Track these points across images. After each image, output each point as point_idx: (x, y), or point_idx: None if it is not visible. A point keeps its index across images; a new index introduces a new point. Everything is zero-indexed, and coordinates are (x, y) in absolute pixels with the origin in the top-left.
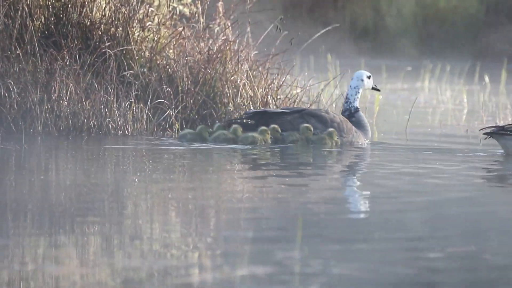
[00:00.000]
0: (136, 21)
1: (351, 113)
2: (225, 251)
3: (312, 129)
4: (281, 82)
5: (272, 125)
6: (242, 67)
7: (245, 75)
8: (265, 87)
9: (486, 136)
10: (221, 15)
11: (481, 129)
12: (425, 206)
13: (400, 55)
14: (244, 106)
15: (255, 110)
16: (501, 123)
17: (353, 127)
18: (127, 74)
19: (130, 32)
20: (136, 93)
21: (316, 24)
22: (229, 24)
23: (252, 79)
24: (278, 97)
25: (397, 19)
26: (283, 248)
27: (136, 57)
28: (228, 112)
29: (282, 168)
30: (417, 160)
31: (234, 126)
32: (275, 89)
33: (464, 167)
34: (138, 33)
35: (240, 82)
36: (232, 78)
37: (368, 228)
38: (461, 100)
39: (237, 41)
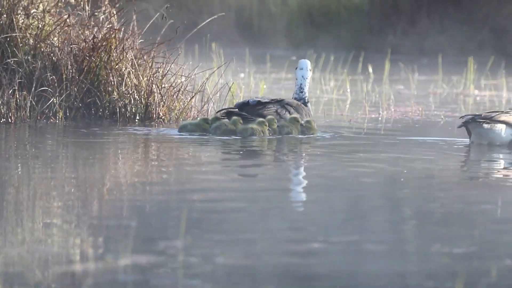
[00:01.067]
0: (21, 8)
1: (305, 103)
2: (108, 239)
3: (299, 119)
4: (166, 71)
5: (270, 116)
6: (127, 56)
7: (130, 64)
8: (150, 76)
9: (462, 125)
10: (106, 3)
11: (460, 117)
12: (316, 198)
13: (285, 44)
14: (128, 95)
15: (242, 101)
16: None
17: None
18: (11, 61)
19: (14, 19)
20: (19, 80)
21: (201, 12)
22: (115, 12)
23: (137, 68)
24: (163, 85)
25: (282, 8)
26: (168, 238)
27: (20, 45)
28: (112, 101)
29: (215, 159)
30: (313, 150)
31: (234, 117)
32: (160, 78)
33: (349, 156)
34: (22, 20)
35: (125, 70)
36: (117, 66)
37: (257, 218)
38: (344, 90)
39: (123, 29)
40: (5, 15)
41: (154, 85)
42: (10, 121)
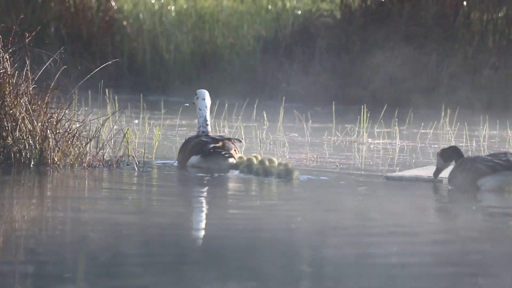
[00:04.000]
0: None
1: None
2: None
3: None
4: (61, 117)
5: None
6: (21, 101)
7: (24, 109)
8: (44, 121)
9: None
10: None
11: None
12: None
13: (178, 91)
14: (23, 140)
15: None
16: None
17: None
18: None
19: None
20: None
21: (94, 58)
22: (8, 57)
23: (31, 113)
24: (58, 131)
25: (175, 55)
26: None
27: None
28: (6, 146)
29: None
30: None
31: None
32: (55, 123)
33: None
34: None
35: (19, 115)
36: (11, 111)
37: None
38: (239, 136)
39: (16, 74)
40: None
41: (48, 131)
42: None
